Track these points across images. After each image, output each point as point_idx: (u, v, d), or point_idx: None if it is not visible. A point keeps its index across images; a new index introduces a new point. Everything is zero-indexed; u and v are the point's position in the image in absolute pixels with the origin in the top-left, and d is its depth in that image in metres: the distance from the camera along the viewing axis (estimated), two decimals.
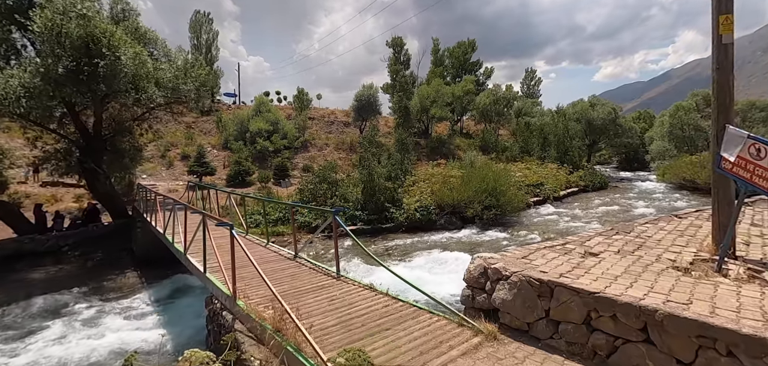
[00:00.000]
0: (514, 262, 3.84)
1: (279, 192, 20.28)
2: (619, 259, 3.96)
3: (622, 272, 3.54)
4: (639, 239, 4.75)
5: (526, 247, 4.35)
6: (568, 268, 3.66)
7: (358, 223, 14.79)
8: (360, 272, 9.62)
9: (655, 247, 4.40)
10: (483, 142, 34.32)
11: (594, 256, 4.09)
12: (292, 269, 5.99)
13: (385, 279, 5.33)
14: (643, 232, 5.16)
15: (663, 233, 5.09)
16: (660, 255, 4.11)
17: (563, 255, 4.10)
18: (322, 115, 38.62)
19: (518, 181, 18.55)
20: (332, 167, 16.81)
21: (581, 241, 4.63)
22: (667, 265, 3.81)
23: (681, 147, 28.44)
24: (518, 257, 4.00)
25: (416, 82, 41.45)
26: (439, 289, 8.36)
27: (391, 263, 10.86)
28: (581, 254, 4.13)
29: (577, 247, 4.40)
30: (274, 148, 27.33)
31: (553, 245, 4.46)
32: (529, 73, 47.09)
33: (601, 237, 4.84)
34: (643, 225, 5.58)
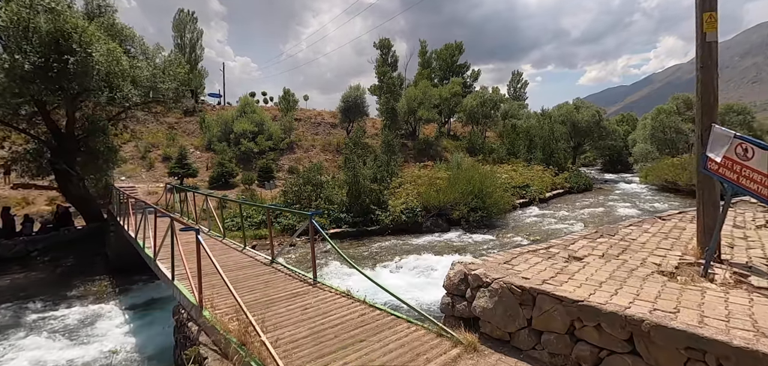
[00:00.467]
0: (496, 268, 3.65)
1: (263, 194, 19.86)
2: (604, 263, 3.82)
3: (607, 278, 3.39)
4: (623, 242, 4.62)
5: (509, 252, 4.18)
6: (551, 273, 3.49)
7: (342, 226, 14.52)
8: (340, 277, 9.35)
9: (640, 251, 4.28)
10: (470, 144, 34.39)
11: (578, 260, 3.94)
12: (267, 275, 5.70)
13: (365, 285, 5.11)
14: (628, 234, 5.05)
15: (647, 236, 4.98)
16: (645, 259, 3.98)
17: (547, 259, 3.93)
18: (309, 116, 38.22)
19: (504, 183, 18.54)
20: (317, 169, 16.51)
21: (565, 245, 4.48)
22: (653, 269, 3.68)
23: (662, 149, 28.98)
24: (500, 263, 3.82)
25: (404, 83, 41.37)
26: (422, 294, 8.17)
27: (375, 267, 10.64)
28: (565, 259, 3.98)
29: (561, 251, 4.25)
30: (259, 150, 26.85)
31: (537, 249, 4.30)
32: (515, 76, 47.53)
33: (586, 240, 4.70)
34: (628, 227, 5.47)
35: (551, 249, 4.31)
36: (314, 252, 5.53)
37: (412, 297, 8.01)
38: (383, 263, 10.93)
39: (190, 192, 12.60)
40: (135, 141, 27.95)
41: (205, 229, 9.45)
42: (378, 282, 4.51)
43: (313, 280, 5.35)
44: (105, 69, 10.96)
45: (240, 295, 3.76)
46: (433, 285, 8.99)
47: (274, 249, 6.65)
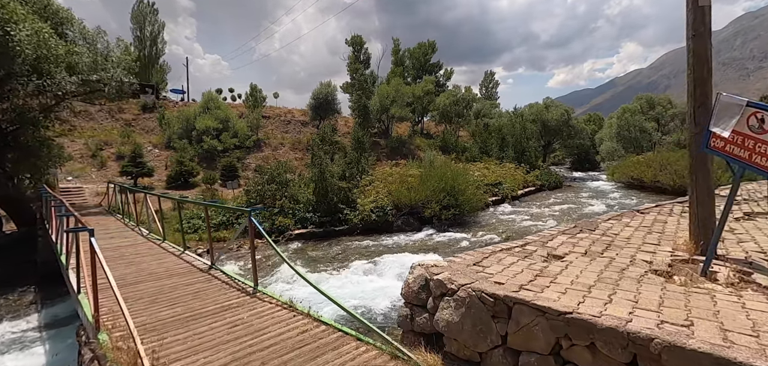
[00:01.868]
0: (463, 272, 2.99)
1: (225, 194, 18.64)
2: (589, 262, 3.24)
3: (596, 281, 2.79)
4: (606, 238, 4.09)
5: (479, 251, 3.54)
6: (529, 276, 2.86)
7: (308, 226, 13.65)
8: (292, 284, 8.50)
9: (626, 247, 3.75)
10: (443, 142, 34.13)
11: (559, 259, 3.34)
12: (199, 284, 4.82)
13: (317, 295, 4.35)
14: (609, 229, 4.54)
15: (630, 230, 4.49)
16: (633, 256, 3.44)
17: (523, 259, 3.32)
18: (278, 113, 36.86)
19: (477, 181, 18.18)
20: (281, 166, 15.53)
21: (543, 242, 3.89)
22: (645, 268, 3.13)
23: (628, 148, 29.68)
24: (468, 264, 3.16)
25: (377, 81, 40.73)
26: (387, 301, 7.47)
27: (341, 269, 9.86)
28: (544, 257, 3.37)
29: (538, 248, 3.65)
30: (223, 148, 25.41)
31: (511, 247, 3.69)
32: (488, 76, 47.91)
33: (565, 236, 4.14)
34: (607, 222, 4.98)
35: (528, 246, 3.71)
36: (254, 255, 4.69)
37: (377, 304, 7.31)
38: (350, 265, 10.17)
39: (140, 193, 11.37)
40: (85, 138, 25.98)
41: (145, 232, 8.36)
42: (324, 291, 3.76)
43: (253, 288, 4.52)
44: (33, 53, 9.64)
45: (158, 310, 2.96)
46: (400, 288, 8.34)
47: (214, 253, 5.75)
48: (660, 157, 22.84)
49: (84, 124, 29.09)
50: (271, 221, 13.47)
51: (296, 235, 13.18)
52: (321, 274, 9.37)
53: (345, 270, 9.72)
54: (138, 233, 8.13)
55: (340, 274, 9.45)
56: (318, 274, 9.45)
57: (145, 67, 39.20)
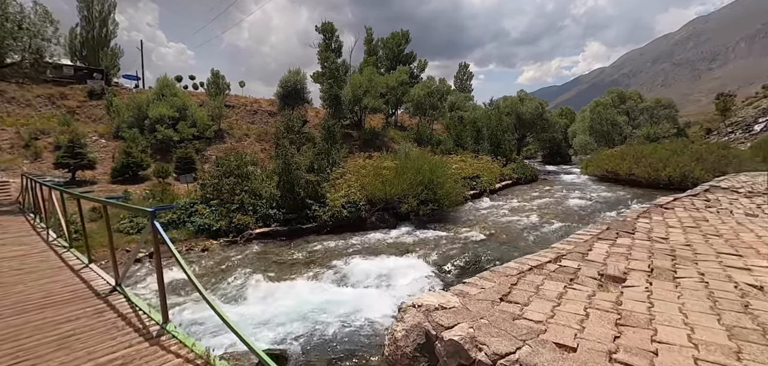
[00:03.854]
0: (492, 320, 1.81)
1: (179, 189, 16.73)
2: (674, 291, 2.14)
3: (730, 340, 1.65)
4: (659, 245, 3.05)
5: (500, 272, 2.38)
6: (603, 328, 1.72)
7: (272, 224, 12.17)
8: (241, 303, 7.09)
9: (700, 261, 2.70)
10: (418, 135, 33.18)
11: (618, 282, 2.24)
12: (82, 320, 3.35)
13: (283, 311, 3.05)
14: (650, 231, 3.51)
15: (678, 233, 3.47)
16: (730, 277, 2.37)
17: (568, 285, 2.18)
18: (244, 103, 34.63)
19: (455, 174, 17.25)
20: (240, 157, 13.90)
21: (581, 254, 2.79)
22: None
23: (600, 141, 29.89)
24: (494, 301, 2.00)
25: (349, 71, 39.14)
26: (363, 313, 6.25)
27: (306, 275, 8.52)
28: (597, 281, 2.25)
29: (580, 264, 2.53)
30: (179, 138, 23.19)
31: (542, 263, 2.55)
32: (462, 68, 47.33)
33: (605, 244, 3.06)
34: (640, 220, 3.96)
35: (564, 261, 2.59)
36: (161, 277, 3.27)
37: (350, 321, 6.07)
38: (318, 270, 8.84)
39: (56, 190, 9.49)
40: (17, 126, 23.02)
41: (53, 236, 6.66)
42: (248, 341, 2.43)
43: (159, 328, 3.14)
44: None
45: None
46: (377, 296, 7.14)
47: (119, 268, 4.27)
48: (634, 150, 22.83)
49: (18, 111, 25.97)
50: (229, 219, 11.89)
51: (258, 235, 11.68)
52: (283, 283, 8.00)
53: (311, 276, 8.40)
54: (43, 239, 6.46)
55: (306, 281, 8.12)
56: (280, 282, 8.07)
57: (92, 49, 35.75)
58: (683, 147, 22.13)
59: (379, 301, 6.76)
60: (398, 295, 7.02)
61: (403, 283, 7.63)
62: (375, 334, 5.65)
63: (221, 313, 2.37)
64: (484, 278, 2.36)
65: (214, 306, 2.39)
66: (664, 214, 4.38)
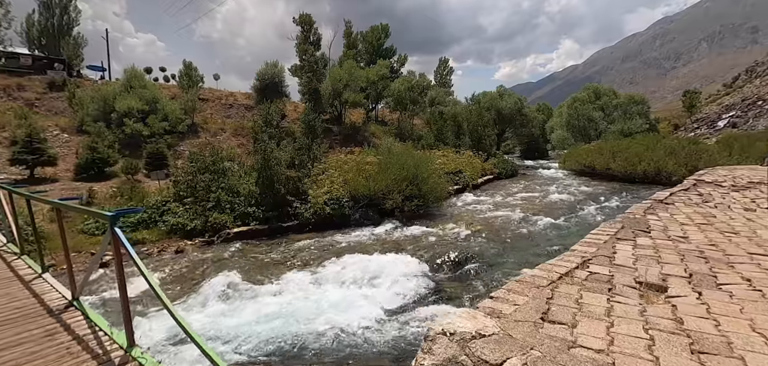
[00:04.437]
0: (539, 343, 1.52)
1: (149, 186, 15.80)
2: (728, 300, 1.92)
3: None
4: (684, 245, 2.85)
5: (527, 282, 2.10)
6: (676, 354, 1.45)
7: (251, 223, 11.60)
8: (223, 310, 6.62)
9: (738, 264, 2.49)
10: (399, 130, 32.91)
11: (659, 291, 1.99)
12: (25, 347, 2.82)
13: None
14: (665, 228, 3.31)
15: (695, 232, 3.29)
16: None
17: (609, 296, 1.91)
18: (219, 96, 33.38)
19: (438, 169, 17.09)
20: (217, 153, 13.22)
21: (608, 257, 2.52)
22: None
23: (577, 136, 30.51)
24: (534, 320, 1.71)
25: (328, 64, 38.42)
26: (353, 318, 5.90)
27: (288, 276, 8.08)
28: (637, 290, 1.99)
29: (611, 271, 2.27)
30: (150, 133, 22.02)
31: (570, 269, 2.29)
32: (442, 63, 47.34)
33: (627, 245, 2.83)
34: (651, 217, 3.78)
35: (592, 267, 2.33)
36: (126, 294, 2.80)
37: (338, 323, 5.72)
38: (301, 271, 8.41)
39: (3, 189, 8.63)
40: None
41: (2, 241, 5.95)
42: (217, 360, 2.04)
43: (124, 350, 2.69)
44: None
45: None
46: (364, 298, 6.80)
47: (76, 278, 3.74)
48: (610, 145, 23.35)
49: None
50: (204, 218, 11.25)
51: (236, 234, 11.11)
52: (263, 287, 7.54)
53: (294, 278, 7.96)
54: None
55: (289, 284, 7.68)
56: (260, 285, 7.60)
57: (52, 38, 33.54)
58: (656, 142, 22.79)
59: (370, 304, 6.43)
60: (390, 296, 6.71)
61: (394, 283, 7.32)
62: (366, 341, 5.32)
63: (186, 327, 1.97)
64: (514, 291, 2.07)
65: (178, 319, 1.99)
66: (668, 209, 4.25)
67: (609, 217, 12.31)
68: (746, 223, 3.47)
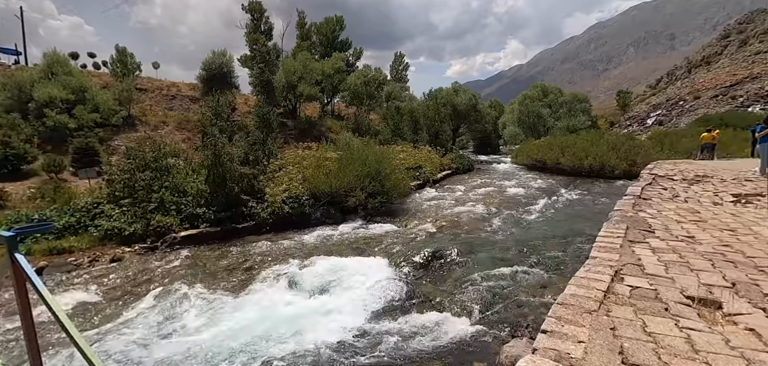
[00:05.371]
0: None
1: (78, 186, 13.96)
2: None
3: None
4: (702, 247, 2.69)
5: (578, 306, 1.76)
6: None
7: (201, 225, 10.56)
8: (167, 331, 5.81)
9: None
10: (356, 124, 32.34)
11: (714, 307, 1.75)
12: None
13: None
14: (666, 228, 3.18)
15: (698, 231, 3.20)
16: None
17: (668, 317, 1.64)
18: (159, 86, 30.68)
19: (401, 164, 16.86)
20: (158, 148, 11.92)
21: (634, 265, 2.27)
22: None
23: (527, 132, 31.86)
24: (611, 362, 1.32)
25: (281, 56, 36.78)
26: (323, 331, 5.38)
27: (245, 284, 7.35)
28: (692, 307, 1.73)
29: (652, 283, 2.00)
30: (78, 125, 19.61)
31: (606, 282, 1.98)
32: (397, 58, 47.25)
33: (645, 250, 2.61)
34: (641, 214, 3.66)
35: (628, 279, 2.04)
36: (33, 333, 2.08)
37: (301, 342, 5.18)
38: (259, 276, 7.70)
39: None
40: None
41: None
42: None
43: None
44: None
45: None
46: (332, 305, 6.30)
47: None
48: (559, 141, 24.54)
49: None
50: (146, 221, 10.05)
51: (184, 238, 10.03)
52: (217, 298, 6.75)
53: (252, 287, 7.25)
54: None
55: (247, 293, 6.96)
56: (213, 295, 6.80)
57: None
58: (599, 138, 24.32)
59: (339, 315, 5.93)
60: (361, 304, 6.26)
61: (364, 287, 6.87)
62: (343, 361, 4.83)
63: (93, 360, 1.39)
64: (566, 321, 1.73)
65: (86, 353, 1.41)
66: (652, 205, 4.24)
67: (566, 210, 12.79)
68: (735, 218, 3.50)
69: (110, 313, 6.28)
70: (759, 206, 4.24)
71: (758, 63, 42.86)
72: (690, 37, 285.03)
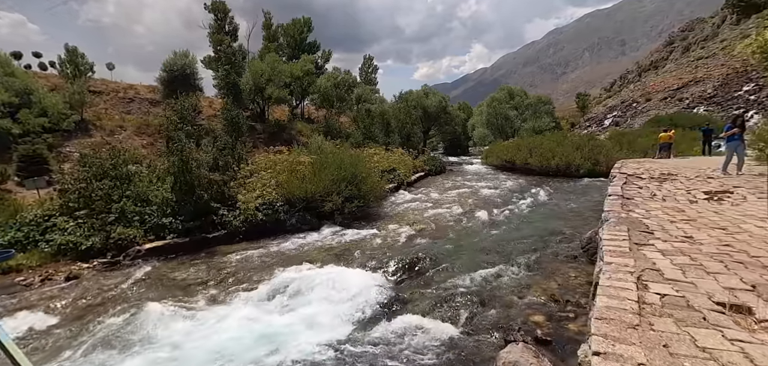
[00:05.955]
0: None
1: (24, 197, 12.77)
2: None
3: None
4: (707, 248, 2.70)
5: (617, 319, 1.66)
6: None
7: (167, 235, 9.91)
8: (131, 357, 5.36)
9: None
10: (327, 127, 31.89)
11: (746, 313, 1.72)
12: None
13: None
14: (664, 229, 3.22)
15: (694, 231, 3.25)
16: None
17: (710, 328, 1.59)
18: (115, 89, 28.92)
19: (376, 167, 16.72)
20: (117, 154, 11.13)
21: (651, 270, 2.23)
22: None
23: (496, 134, 32.69)
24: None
25: (247, 57, 35.71)
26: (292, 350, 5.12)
27: (219, 297, 6.93)
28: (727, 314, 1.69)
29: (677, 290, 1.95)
30: (23, 131, 18.04)
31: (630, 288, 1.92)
32: (367, 60, 47.13)
33: (656, 253, 2.59)
34: (631, 214, 3.71)
35: (649, 284, 2.00)
36: None
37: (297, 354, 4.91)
38: (234, 289, 7.28)
39: None
40: None
41: None
42: None
43: None
44: None
45: None
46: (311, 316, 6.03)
47: None
48: (527, 141, 25.32)
49: None
50: (105, 233, 9.31)
51: (149, 251, 9.36)
52: (188, 317, 6.29)
53: (227, 301, 6.84)
54: None
55: (221, 308, 6.55)
56: (183, 313, 6.34)
57: None
58: (563, 138, 25.33)
59: (324, 327, 5.68)
60: (344, 313, 6.03)
61: (345, 296, 6.64)
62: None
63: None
64: (615, 339, 1.63)
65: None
66: (638, 205, 4.34)
67: (539, 209, 13.11)
68: (720, 216, 3.64)
69: (65, 339, 5.69)
70: (733, 203, 4.48)
71: (701, 67, 46.35)
72: (639, 43, 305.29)
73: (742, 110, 31.37)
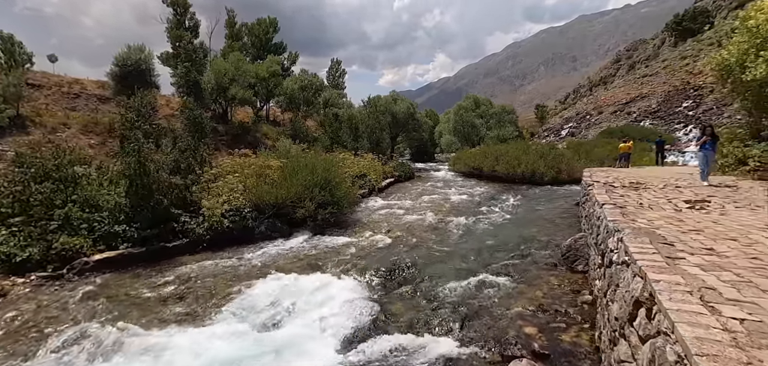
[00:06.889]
0: None
1: None
2: None
3: None
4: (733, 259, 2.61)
5: (709, 355, 1.44)
6: None
7: (120, 245, 8.94)
8: None
9: None
10: (294, 130, 31.00)
11: None
12: None
13: None
14: (681, 240, 3.13)
15: (711, 242, 3.19)
16: None
17: None
18: (58, 83, 26.44)
19: (346, 172, 16.30)
20: (61, 154, 9.99)
21: (704, 287, 2.06)
22: None
23: (462, 141, 33.30)
24: None
25: (208, 55, 34.02)
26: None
27: (181, 319, 6.25)
28: None
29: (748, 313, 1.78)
30: None
31: (700, 311, 1.70)
32: (334, 64, 46.47)
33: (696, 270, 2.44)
34: (639, 223, 3.63)
35: (715, 306, 1.80)
36: None
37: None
38: (200, 306, 6.63)
39: None
40: None
41: None
42: None
43: None
44: None
45: None
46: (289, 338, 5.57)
47: None
48: (494, 149, 25.91)
49: None
50: (46, 243, 8.23)
51: (99, 263, 8.37)
52: (139, 339, 5.58)
53: (186, 318, 6.19)
54: None
55: (177, 327, 5.89)
56: (136, 334, 5.62)
57: None
58: (527, 147, 26.17)
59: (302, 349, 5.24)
60: (325, 331, 5.61)
61: (325, 311, 6.21)
62: None
63: None
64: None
65: None
66: (637, 214, 4.32)
67: (511, 215, 13.28)
68: (725, 226, 3.66)
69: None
70: (722, 213, 4.64)
71: (646, 84, 50.06)
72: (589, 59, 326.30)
73: (708, 123, 33.91)
